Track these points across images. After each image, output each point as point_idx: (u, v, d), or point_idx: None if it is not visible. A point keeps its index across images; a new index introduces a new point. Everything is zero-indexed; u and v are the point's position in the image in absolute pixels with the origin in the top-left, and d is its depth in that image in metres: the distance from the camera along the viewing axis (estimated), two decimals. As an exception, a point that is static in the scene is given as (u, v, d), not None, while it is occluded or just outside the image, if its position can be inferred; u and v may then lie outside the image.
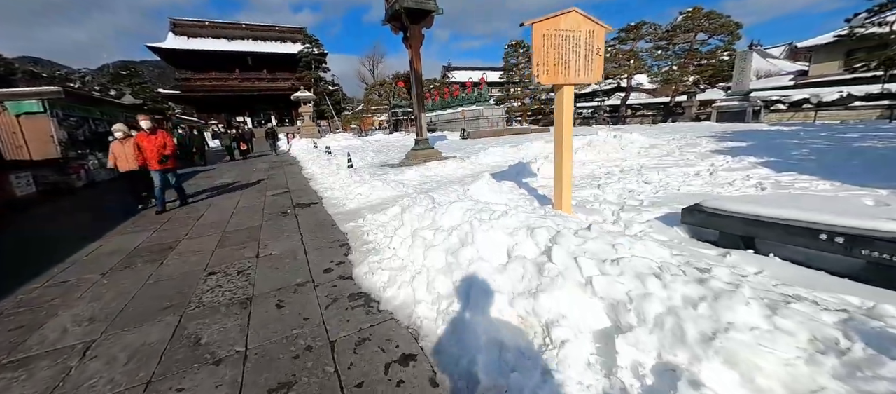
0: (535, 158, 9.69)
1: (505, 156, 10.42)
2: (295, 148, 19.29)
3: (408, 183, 7.08)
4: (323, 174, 9.11)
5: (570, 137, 3.91)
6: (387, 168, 10.33)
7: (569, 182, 3.99)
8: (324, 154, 13.35)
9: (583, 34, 3.63)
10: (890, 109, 14.88)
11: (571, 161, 4.06)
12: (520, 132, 23.56)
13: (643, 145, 10.54)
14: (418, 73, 12.09)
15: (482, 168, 8.78)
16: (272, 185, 8.57)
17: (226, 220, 5.33)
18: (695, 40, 22.62)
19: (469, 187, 5.32)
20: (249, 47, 47.08)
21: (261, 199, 6.90)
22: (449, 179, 7.51)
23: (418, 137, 12.54)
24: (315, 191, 7.32)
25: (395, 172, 9.00)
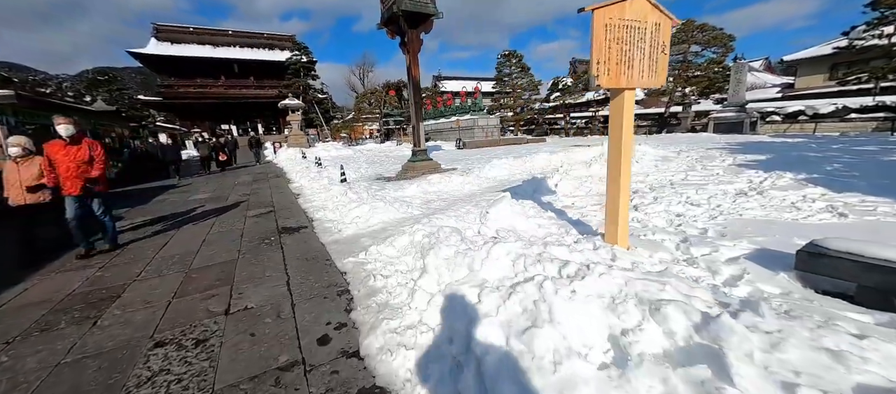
0: (546, 172, 8.97)
1: (511, 169, 9.69)
2: (281, 158, 18.22)
3: (411, 201, 6.22)
4: (313, 189, 8.17)
5: (630, 155, 3.15)
6: (383, 182, 9.45)
7: (626, 210, 3.22)
8: (313, 165, 12.39)
9: (649, 26, 2.91)
10: (891, 122, 14.83)
11: (629, 185, 3.29)
12: (516, 142, 23.02)
13: (655, 157, 9.97)
14: (416, 80, 11.35)
15: (490, 183, 8.01)
16: (255, 202, 7.59)
17: (193, 251, 4.36)
18: (688, 52, 22.62)
19: (488, 210, 4.51)
20: (236, 54, 45.87)
21: (240, 221, 5.93)
22: (457, 197, 6.69)
23: (416, 148, 11.74)
24: (304, 211, 6.39)
25: (394, 187, 8.14)
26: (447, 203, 6.00)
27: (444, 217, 4.43)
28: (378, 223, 4.96)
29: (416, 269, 2.96)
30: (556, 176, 6.99)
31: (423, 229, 3.83)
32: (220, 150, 15.39)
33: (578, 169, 8.46)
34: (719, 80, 21.72)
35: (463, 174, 8.70)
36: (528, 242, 2.74)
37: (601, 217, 4.57)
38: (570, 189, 6.51)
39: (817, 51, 28.49)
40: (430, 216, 5.18)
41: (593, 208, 5.06)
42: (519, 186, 6.98)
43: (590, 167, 8.40)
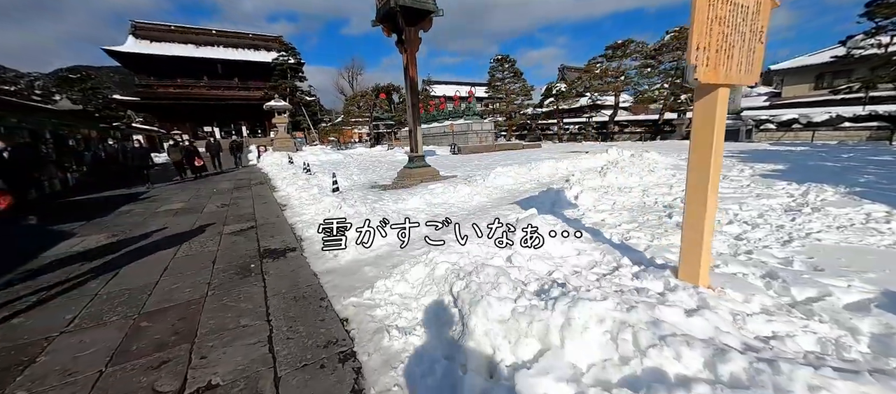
0: (555, 181, 8.31)
1: (518, 178, 9.01)
2: (266, 162, 17.16)
3: (415, 215, 5.44)
4: (301, 200, 7.30)
5: (719, 171, 2.46)
6: (379, 191, 8.64)
7: (710, 241, 2.52)
8: (301, 171, 11.47)
9: (751, 7, 2.25)
10: (889, 131, 14.84)
11: (716, 208, 2.60)
12: (511, 148, 22.47)
13: (667, 166, 9.45)
14: (414, 82, 10.62)
15: (499, 193, 7.29)
16: (234, 215, 6.67)
17: (150, 285, 3.48)
18: (682, 58, 22.53)
19: (516, 232, 3.78)
20: (219, 54, 44.34)
21: (214, 240, 5.04)
22: (466, 210, 5.95)
23: (413, 153, 10.99)
24: (292, 226, 5.54)
25: (393, 198, 7.34)
26: (458, 219, 5.25)
27: (467, 242, 3.68)
28: (382, 244, 4.17)
29: (447, 321, 2.19)
30: (574, 187, 6.32)
31: (444, 260, 3.07)
32: (194, 154, 13.63)
33: (592, 178, 7.83)
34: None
35: (467, 183, 7.97)
36: (587, 278, 2.00)
37: (644, 239, 3.90)
38: (592, 202, 5.84)
39: (803, 61, 29.07)
40: (443, 235, 4.43)
41: (630, 227, 4.39)
42: (534, 198, 6.28)
43: (604, 177, 7.78)
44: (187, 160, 13.39)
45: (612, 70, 25.33)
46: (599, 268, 3.15)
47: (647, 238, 3.91)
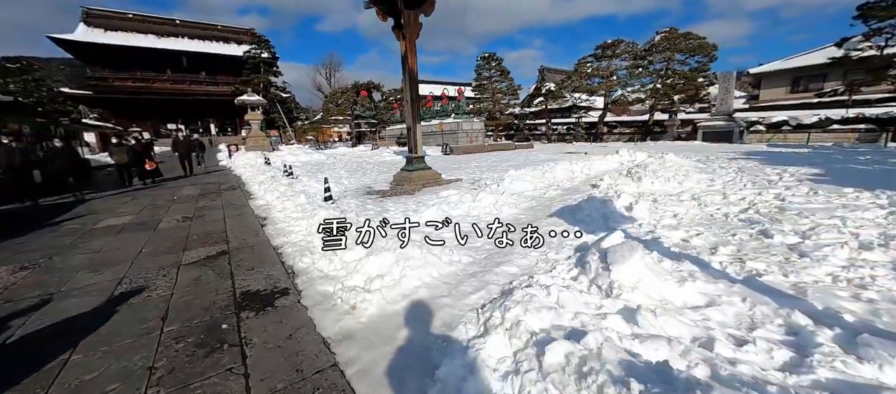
0: (580, 186, 7.27)
1: (536, 183, 7.96)
2: (239, 163, 15.35)
3: (442, 235, 4.25)
4: (286, 211, 5.92)
5: None
6: (379, 199, 7.36)
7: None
8: (281, 174, 9.96)
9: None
10: (877, 133, 15.00)
11: None
12: (503, 148, 21.57)
13: (695, 168, 8.71)
14: (413, 73, 9.39)
15: (527, 202, 6.20)
16: (198, 234, 5.22)
17: (46, 379, 2.12)
18: (673, 59, 22.46)
19: (610, 269, 2.68)
20: (184, 46, 41.17)
21: (167, 277, 3.65)
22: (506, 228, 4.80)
23: (412, 154, 9.77)
24: (277, 250, 4.21)
25: (400, 208, 6.10)
26: (506, 239, 4.09)
27: (554, 287, 2.55)
28: (417, 285, 2.96)
29: None
30: (620, 196, 5.31)
31: (535, 324, 1.94)
32: (144, 154, 11.28)
33: (625, 184, 6.90)
34: (704, 89, 21.70)
35: (483, 190, 6.83)
36: None
37: (771, 271, 2.88)
38: (650, 215, 4.86)
39: (779, 65, 29.94)
40: (495, 270, 3.27)
41: (730, 252, 3.40)
42: (577, 209, 5.22)
43: (639, 182, 6.86)
44: (136, 162, 11.08)
45: (602, 69, 24.98)
46: (772, 332, 2.10)
47: (774, 270, 2.91)
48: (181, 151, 13.05)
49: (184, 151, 13.00)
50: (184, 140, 13.40)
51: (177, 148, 13.27)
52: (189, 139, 13.41)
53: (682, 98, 21.68)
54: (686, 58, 21.97)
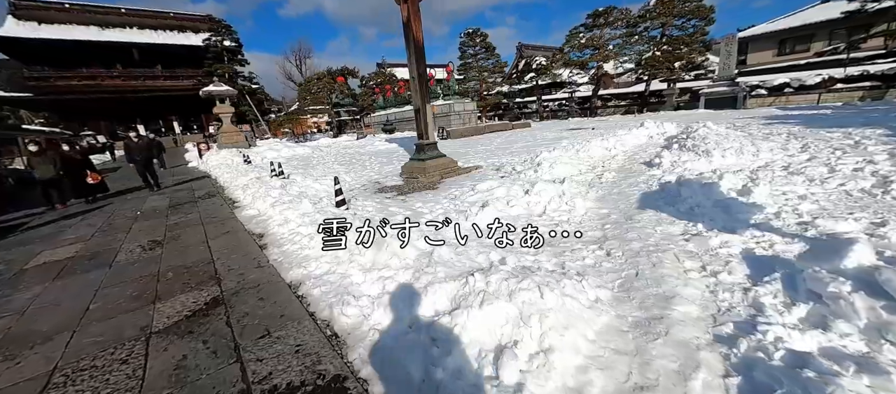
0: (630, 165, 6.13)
1: (577, 164, 6.78)
2: (213, 163, 13.43)
3: (538, 261, 3.00)
4: (290, 224, 4.49)
5: None
6: (397, 197, 5.99)
7: None
8: (268, 174, 8.35)
9: None
10: (883, 90, 14.69)
11: None
12: (501, 128, 20.29)
13: (747, 140, 7.75)
14: (419, 43, 7.93)
15: (574, 189, 4.97)
16: (174, 270, 3.76)
17: None
18: (669, 24, 21.58)
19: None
20: (134, 37, 37.18)
21: (131, 362, 2.26)
22: (623, 239, 3.59)
23: (423, 140, 8.42)
24: (300, 295, 2.86)
25: (433, 206, 4.79)
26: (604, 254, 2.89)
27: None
28: (577, 364, 1.71)
29: None
30: (725, 178, 4.18)
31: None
32: (81, 164, 8.71)
33: (691, 160, 5.84)
34: (704, 54, 21.02)
35: (536, 178, 5.58)
36: None
37: None
38: (772, 199, 3.78)
39: (766, 28, 29.75)
40: (662, 316, 2.06)
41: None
42: (681, 200, 4.05)
43: (708, 157, 5.80)
44: (71, 175, 8.33)
45: (595, 39, 23.87)
46: None
47: None
48: (138, 157, 9.25)
49: (143, 158, 9.30)
50: (140, 143, 9.69)
51: (132, 155, 9.31)
52: (148, 141, 10.10)
53: (683, 65, 20.92)
54: (683, 22, 21.11)
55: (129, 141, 9.37)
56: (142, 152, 9.37)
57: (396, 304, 2.36)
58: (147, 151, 9.46)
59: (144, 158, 9.32)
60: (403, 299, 2.38)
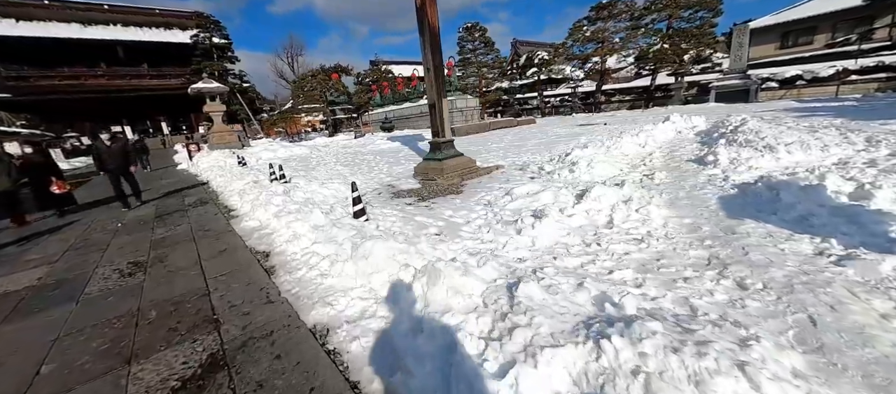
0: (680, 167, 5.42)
1: (617, 164, 6.07)
2: (204, 166, 12.51)
3: (659, 310, 2.27)
4: (301, 241, 3.69)
5: None
6: (420, 202, 5.21)
7: None
8: (267, 177, 7.51)
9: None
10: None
11: None
12: (507, 125, 19.54)
13: (808, 129, 7.12)
14: (434, 29, 7.14)
15: (638, 193, 4.26)
16: (157, 302, 2.96)
17: None
18: (676, 15, 21.00)
19: None
20: (118, 35, 35.67)
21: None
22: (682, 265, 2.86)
23: (440, 138, 7.64)
24: (333, 354, 2.08)
25: (466, 215, 4.02)
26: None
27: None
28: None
29: None
30: (829, 179, 3.51)
31: None
32: (45, 170, 7.36)
33: (754, 157, 5.15)
34: (713, 46, 20.49)
35: (572, 180, 4.85)
36: None
37: None
38: (894, 205, 3.10)
39: (768, 21, 29.42)
40: None
41: None
42: (791, 209, 3.34)
43: (774, 154, 5.12)
44: (34, 183, 7.12)
45: (600, 32, 23.22)
46: None
47: None
48: (112, 166, 7.02)
49: (117, 166, 7.07)
50: (114, 147, 7.10)
51: (103, 162, 7.00)
52: (123, 144, 7.52)
53: (692, 58, 20.36)
54: (691, 14, 20.54)
55: (99, 145, 6.99)
56: (116, 159, 7.05)
57: (483, 380, 1.60)
58: (122, 158, 7.18)
59: (119, 166, 7.13)
60: (494, 373, 1.62)
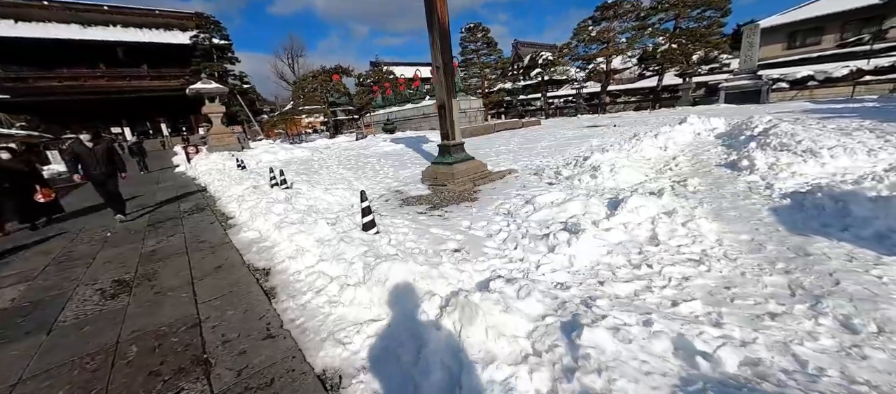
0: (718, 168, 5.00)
1: (642, 168, 5.68)
2: (202, 169, 12.12)
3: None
4: (305, 257, 3.30)
5: None
6: (432, 210, 4.81)
7: None
8: (267, 183, 7.11)
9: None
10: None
11: None
12: (512, 126, 19.16)
13: (849, 130, 6.72)
14: (444, 26, 6.77)
15: (679, 203, 3.86)
16: (138, 333, 2.56)
17: None
18: (684, 15, 20.62)
19: None
20: (118, 36, 35.40)
21: None
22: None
23: (449, 141, 7.26)
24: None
25: (487, 226, 3.62)
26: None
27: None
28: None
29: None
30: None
31: None
32: (28, 176, 6.28)
33: (795, 162, 4.76)
34: (721, 45, 20.12)
35: (581, 194, 4.46)
36: None
37: None
38: None
39: (775, 21, 29.07)
40: None
41: None
42: (867, 224, 2.94)
43: (818, 159, 4.73)
44: (13, 193, 5.98)
45: (606, 31, 22.85)
46: None
47: None
48: (96, 171, 5.73)
49: (101, 173, 5.77)
50: (98, 148, 5.79)
51: (87, 168, 5.71)
52: (108, 145, 5.96)
53: (701, 58, 19.98)
54: (699, 13, 20.17)
55: (76, 146, 5.61)
56: (100, 165, 5.67)
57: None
58: (106, 164, 5.72)
59: (104, 174, 5.74)
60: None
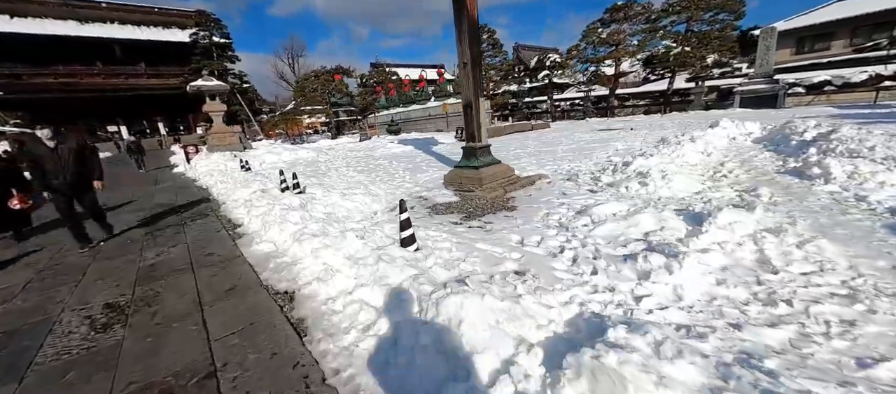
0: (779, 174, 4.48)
1: (689, 176, 5.15)
2: (202, 170, 11.51)
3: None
4: (335, 280, 2.73)
5: None
6: (468, 220, 4.24)
7: None
8: (275, 185, 6.51)
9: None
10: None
11: None
12: (521, 129, 18.65)
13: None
14: (473, 19, 6.23)
15: (778, 220, 3.32)
16: (135, 390, 1.95)
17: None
18: (696, 18, 20.25)
19: None
20: (115, 33, 34.67)
21: None
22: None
23: (476, 144, 6.70)
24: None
25: (562, 244, 3.06)
26: None
27: None
28: None
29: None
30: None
31: None
32: (8, 178, 5.46)
33: (880, 171, 4.25)
34: (736, 48, 19.75)
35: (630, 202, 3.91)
36: None
37: None
38: None
39: (783, 25, 28.81)
40: None
41: None
42: None
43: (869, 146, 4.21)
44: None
45: (616, 34, 22.45)
46: None
47: None
48: (58, 181, 4.24)
49: (68, 183, 4.30)
50: (64, 148, 4.28)
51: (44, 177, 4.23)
52: (79, 147, 4.45)
53: (715, 61, 19.60)
54: (712, 16, 19.81)
55: (34, 148, 4.24)
56: (66, 169, 4.25)
57: None
58: (75, 174, 4.33)
59: (70, 183, 4.30)
60: None
